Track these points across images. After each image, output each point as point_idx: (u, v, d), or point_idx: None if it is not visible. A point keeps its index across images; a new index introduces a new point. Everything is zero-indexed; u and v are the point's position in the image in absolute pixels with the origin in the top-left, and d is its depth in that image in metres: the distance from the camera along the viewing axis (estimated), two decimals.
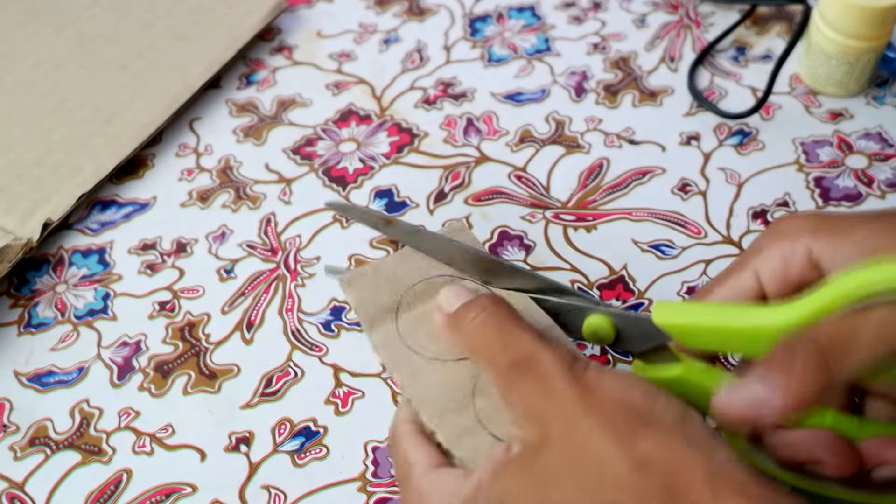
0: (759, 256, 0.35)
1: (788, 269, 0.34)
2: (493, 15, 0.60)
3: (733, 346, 0.33)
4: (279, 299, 0.47)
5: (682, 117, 0.53)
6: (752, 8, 0.58)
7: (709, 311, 0.33)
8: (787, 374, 0.29)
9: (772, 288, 0.34)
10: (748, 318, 0.32)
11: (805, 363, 0.29)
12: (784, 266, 0.34)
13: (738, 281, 0.35)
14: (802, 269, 0.34)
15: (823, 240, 0.33)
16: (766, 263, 0.34)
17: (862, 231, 0.33)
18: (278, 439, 0.42)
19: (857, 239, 0.32)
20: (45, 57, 0.57)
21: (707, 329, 0.32)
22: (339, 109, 0.55)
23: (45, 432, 0.43)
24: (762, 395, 0.29)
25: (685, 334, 0.33)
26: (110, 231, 0.50)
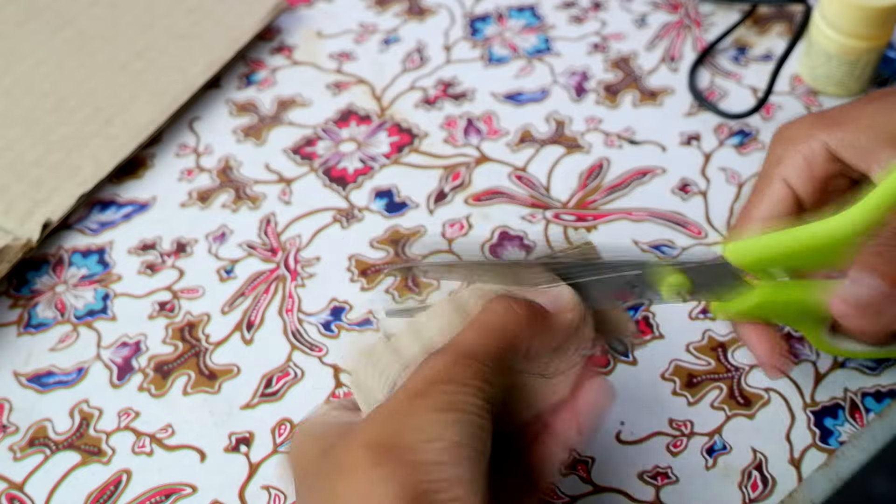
0: (782, 165, 0.37)
1: (813, 167, 0.36)
2: (493, 15, 0.60)
3: (808, 262, 0.35)
4: (279, 299, 0.47)
5: (683, 117, 0.53)
6: (752, 8, 0.58)
7: (777, 237, 0.35)
8: (882, 260, 0.32)
9: (803, 189, 0.36)
10: (817, 232, 0.34)
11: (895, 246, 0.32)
12: (808, 166, 0.36)
13: (771, 193, 0.37)
14: (825, 163, 0.36)
15: (836, 133, 0.35)
16: (792, 169, 0.36)
17: (867, 117, 0.35)
18: (278, 440, 0.42)
19: (865, 125, 0.35)
20: (45, 57, 0.57)
21: (781, 254, 0.34)
22: (339, 109, 0.55)
23: (44, 433, 0.43)
24: (875, 283, 0.32)
25: (761, 266, 0.35)
26: (110, 231, 0.50)
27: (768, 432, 0.41)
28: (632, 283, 0.36)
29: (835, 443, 0.40)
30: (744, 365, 0.43)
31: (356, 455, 0.28)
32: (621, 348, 0.41)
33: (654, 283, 0.36)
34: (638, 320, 0.45)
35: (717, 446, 0.41)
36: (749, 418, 0.41)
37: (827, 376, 0.42)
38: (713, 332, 0.44)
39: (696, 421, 0.41)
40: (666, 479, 0.40)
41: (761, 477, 0.40)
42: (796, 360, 0.42)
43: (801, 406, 0.42)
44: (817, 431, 0.41)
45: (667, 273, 0.36)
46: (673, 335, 0.44)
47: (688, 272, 0.36)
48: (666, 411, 0.42)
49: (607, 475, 0.40)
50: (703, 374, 0.43)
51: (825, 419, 0.41)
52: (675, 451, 0.41)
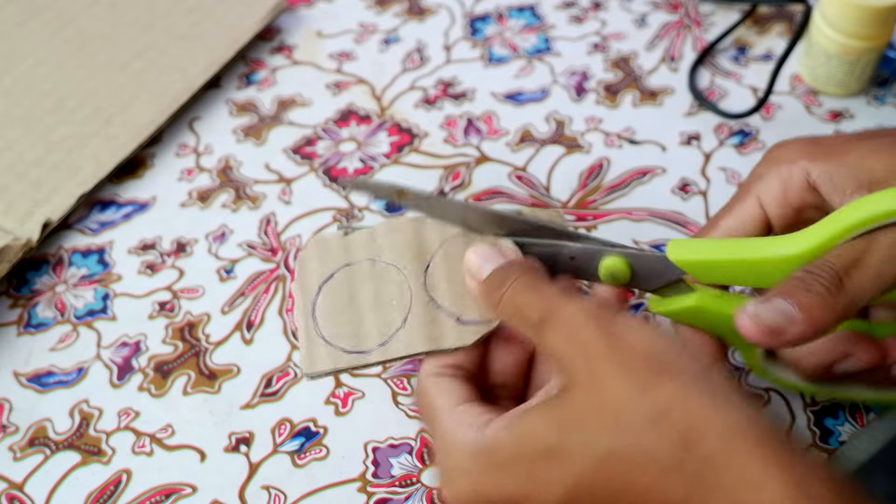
0: (759, 183, 0.37)
1: (788, 193, 0.36)
2: (493, 15, 0.60)
3: (746, 278, 0.34)
4: (279, 299, 0.47)
5: (683, 117, 0.53)
6: (752, 8, 0.58)
7: (721, 246, 0.35)
8: (808, 293, 0.31)
9: (774, 212, 0.36)
10: (760, 250, 0.34)
11: (824, 283, 0.31)
12: (784, 190, 0.36)
13: (742, 209, 0.37)
14: (801, 192, 0.36)
15: (819, 163, 0.35)
16: (767, 189, 0.36)
17: (855, 153, 0.35)
18: (278, 439, 0.42)
19: (851, 161, 0.34)
20: (45, 57, 0.57)
21: (720, 263, 0.34)
22: (339, 109, 0.55)
23: (44, 433, 0.43)
24: (787, 310, 0.31)
25: (699, 269, 0.35)
26: (110, 231, 0.50)
27: None
28: (571, 254, 0.37)
29: (835, 443, 0.40)
30: (744, 365, 0.43)
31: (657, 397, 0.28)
32: None
33: (593, 261, 0.36)
34: None
35: None
36: None
37: None
38: None
39: None
40: None
41: None
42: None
43: (802, 406, 0.42)
44: (817, 431, 0.41)
45: (607, 255, 0.36)
46: None
47: (628, 258, 0.36)
48: None
49: None
50: None
51: (825, 419, 0.41)
52: None
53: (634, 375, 0.29)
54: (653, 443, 0.28)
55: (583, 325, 0.31)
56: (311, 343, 0.37)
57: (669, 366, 0.29)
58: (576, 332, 0.31)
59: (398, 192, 0.37)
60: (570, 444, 0.29)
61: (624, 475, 0.28)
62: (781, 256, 0.33)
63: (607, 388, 0.29)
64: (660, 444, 0.28)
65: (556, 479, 0.30)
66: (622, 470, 0.28)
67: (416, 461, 0.41)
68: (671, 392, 0.28)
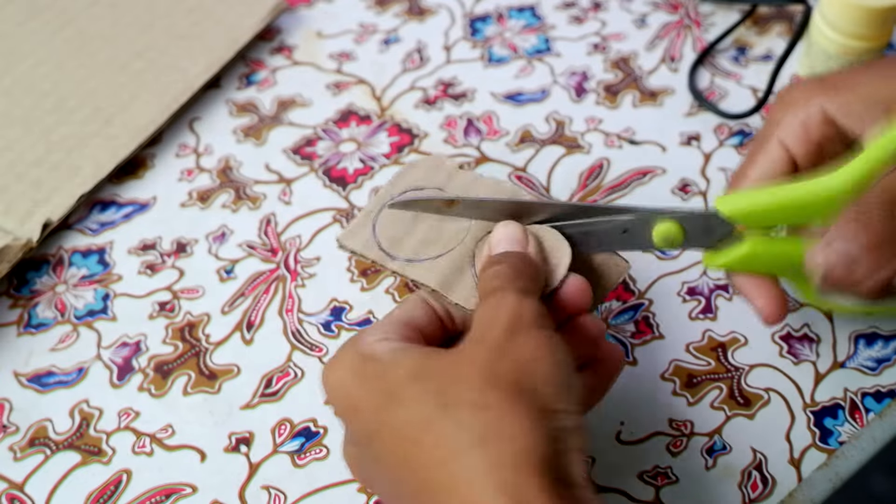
0: (779, 127, 0.38)
1: (809, 131, 0.37)
2: (493, 15, 0.60)
3: (798, 217, 0.36)
4: (279, 299, 0.47)
5: (683, 117, 0.53)
6: (752, 8, 0.58)
7: (768, 192, 0.36)
8: (861, 227, 0.33)
9: (799, 151, 0.38)
10: (807, 189, 0.36)
11: (880, 211, 0.33)
12: (804, 129, 0.37)
13: (767, 154, 0.38)
14: (821, 128, 0.37)
15: (833, 98, 0.37)
16: (788, 131, 0.38)
17: (866, 84, 0.37)
18: (278, 440, 0.42)
19: (864, 91, 0.37)
20: (45, 57, 0.57)
21: (771, 208, 0.36)
22: (339, 109, 0.55)
23: (44, 433, 0.43)
24: (848, 249, 0.33)
25: (750, 218, 0.37)
26: (110, 231, 0.50)
27: (768, 432, 0.41)
28: (624, 227, 0.38)
29: (835, 443, 0.40)
30: (743, 365, 0.43)
31: (488, 395, 0.29)
32: None
33: (646, 229, 0.37)
34: (638, 320, 0.45)
35: (717, 446, 0.41)
36: (749, 418, 0.41)
37: (827, 376, 0.42)
38: (713, 333, 0.44)
39: (696, 421, 0.41)
40: (666, 480, 0.40)
41: (761, 477, 0.40)
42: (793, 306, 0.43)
43: (801, 406, 0.42)
44: (817, 431, 0.41)
45: (659, 220, 0.37)
46: (673, 335, 0.44)
47: (680, 221, 0.37)
48: (666, 411, 0.42)
49: (607, 475, 0.40)
50: (703, 375, 0.43)
51: (825, 419, 0.41)
52: (675, 451, 0.41)
53: (488, 382, 0.30)
54: (453, 436, 0.29)
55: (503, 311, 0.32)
56: (361, 224, 0.41)
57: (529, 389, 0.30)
58: (494, 312, 0.32)
59: (447, 203, 0.38)
60: (409, 392, 0.31)
61: (423, 444, 0.29)
62: (830, 191, 0.35)
63: (464, 370, 0.30)
64: (458, 440, 0.29)
65: (379, 413, 0.31)
66: (426, 438, 0.29)
67: None
68: (500, 412, 0.29)
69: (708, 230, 0.37)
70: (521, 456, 0.28)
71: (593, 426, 0.41)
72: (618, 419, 0.42)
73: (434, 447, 0.29)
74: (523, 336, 0.31)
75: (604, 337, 0.37)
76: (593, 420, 0.41)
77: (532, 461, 0.28)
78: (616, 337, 0.44)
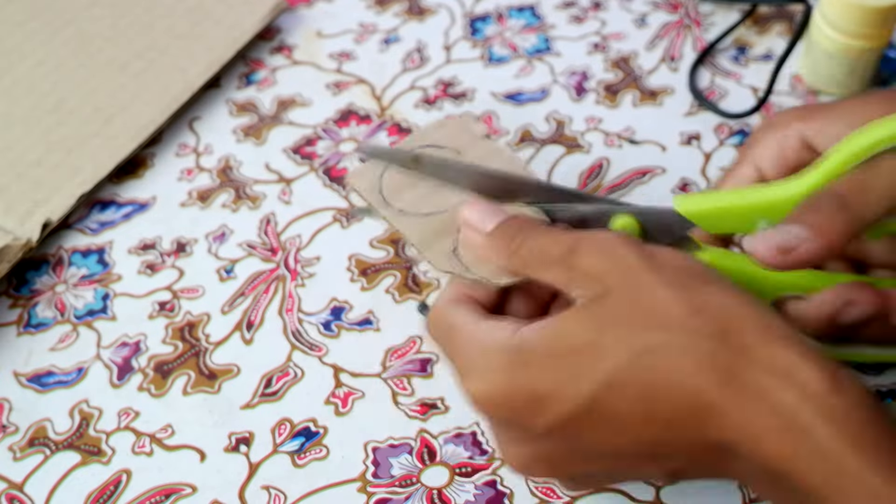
0: (756, 148, 0.38)
1: (785, 153, 0.37)
2: (493, 15, 0.60)
3: (754, 222, 0.35)
4: (279, 299, 0.47)
5: (683, 117, 0.53)
6: (752, 7, 0.58)
7: (727, 194, 0.36)
8: (815, 214, 0.32)
9: (772, 173, 0.38)
10: (766, 193, 0.35)
11: (830, 206, 0.32)
12: (780, 151, 0.37)
13: (740, 173, 0.38)
14: (797, 151, 0.37)
15: (813, 122, 0.37)
16: (764, 152, 0.38)
17: (845, 108, 0.37)
18: (278, 439, 0.42)
19: (843, 113, 0.36)
20: (45, 57, 0.57)
21: (728, 210, 0.35)
22: (339, 109, 0.55)
23: (44, 433, 0.43)
24: (795, 230, 0.32)
25: (707, 219, 0.36)
26: (110, 231, 0.50)
27: None
28: (582, 216, 0.37)
29: None
30: None
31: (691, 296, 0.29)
32: None
33: (603, 222, 0.37)
34: None
35: None
36: None
37: None
38: None
39: None
40: None
41: None
42: None
43: None
44: None
45: (617, 214, 0.37)
46: None
47: (637, 216, 0.37)
48: None
49: None
50: None
51: None
52: None
53: (671, 281, 0.30)
54: (689, 336, 0.29)
55: (617, 245, 0.32)
56: (372, 167, 0.41)
57: (704, 276, 0.30)
58: (611, 250, 0.31)
59: (413, 158, 0.38)
60: (605, 340, 0.30)
61: (657, 372, 0.29)
62: (789, 196, 0.34)
63: (645, 292, 0.30)
64: (695, 337, 0.29)
65: (586, 375, 0.30)
66: (656, 366, 0.29)
67: (416, 461, 0.41)
68: (708, 292, 0.29)
69: (665, 228, 0.37)
70: (765, 329, 0.28)
71: None
72: None
73: (671, 373, 0.29)
74: (650, 247, 0.32)
75: None
76: None
77: (774, 330, 0.29)
78: None
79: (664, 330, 0.29)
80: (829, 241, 0.32)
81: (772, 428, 0.27)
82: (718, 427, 0.28)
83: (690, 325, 0.29)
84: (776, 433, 0.27)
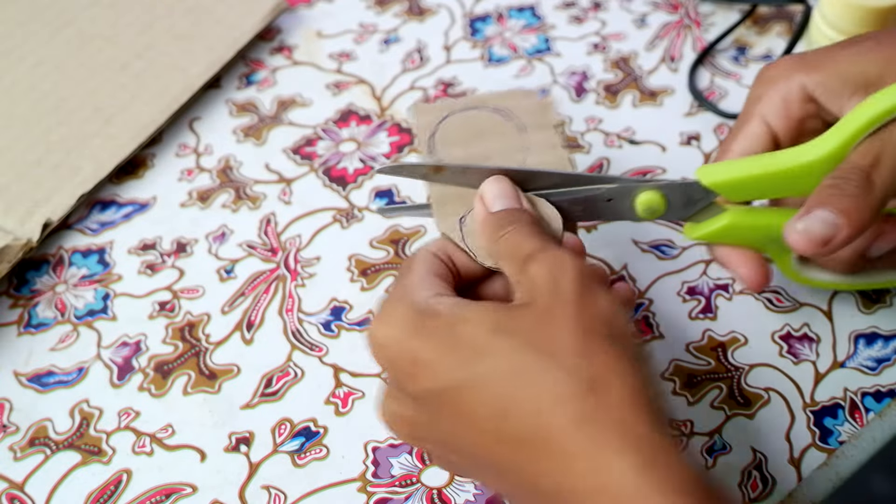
0: (760, 103, 0.39)
1: (790, 107, 0.38)
2: (493, 15, 0.60)
3: (778, 189, 0.37)
4: (279, 299, 0.47)
5: (683, 117, 0.53)
6: (752, 8, 0.58)
7: (748, 163, 0.37)
8: (844, 197, 0.34)
9: (779, 126, 0.38)
10: (786, 160, 0.36)
11: (855, 185, 0.34)
12: (785, 105, 0.38)
13: (749, 129, 0.39)
14: (801, 104, 0.38)
15: (814, 74, 0.38)
16: (769, 107, 0.39)
17: (844, 61, 0.37)
18: (278, 439, 0.42)
19: (843, 68, 0.37)
20: (45, 57, 0.57)
21: (751, 179, 0.37)
22: (339, 109, 0.55)
23: (44, 432, 0.43)
24: (830, 218, 0.34)
25: (731, 189, 0.37)
26: (110, 231, 0.50)
27: (768, 432, 0.41)
28: (608, 196, 0.38)
29: (834, 442, 0.40)
30: (743, 365, 0.43)
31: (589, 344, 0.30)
32: None
33: (628, 199, 0.38)
34: (638, 320, 0.45)
35: (716, 446, 0.41)
36: (749, 418, 0.41)
37: (827, 376, 0.42)
38: (713, 332, 0.44)
39: (696, 420, 0.41)
40: None
41: (761, 477, 0.40)
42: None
43: (801, 406, 0.42)
44: (817, 431, 0.41)
45: (641, 190, 0.38)
46: (673, 335, 0.44)
47: (662, 190, 0.38)
48: None
49: None
50: (703, 374, 0.43)
51: (825, 419, 0.41)
52: None
53: (587, 322, 0.30)
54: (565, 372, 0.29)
55: (567, 269, 0.32)
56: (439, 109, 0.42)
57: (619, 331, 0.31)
58: (558, 272, 0.32)
59: (434, 169, 0.38)
60: (496, 344, 0.30)
61: (524, 391, 0.29)
62: (807, 163, 0.36)
63: (557, 320, 0.30)
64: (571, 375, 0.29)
65: (464, 365, 0.30)
66: (525, 385, 0.29)
67: (416, 461, 0.41)
68: (608, 343, 0.30)
69: (689, 200, 0.38)
70: (633, 397, 0.28)
71: None
72: None
73: (534, 397, 0.29)
74: (595, 289, 0.31)
75: None
76: None
77: (642, 401, 0.29)
78: None
79: (549, 358, 0.29)
80: (862, 225, 0.34)
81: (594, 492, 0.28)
82: (550, 468, 0.29)
83: (572, 363, 0.29)
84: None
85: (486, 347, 0.30)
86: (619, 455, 0.27)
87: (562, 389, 0.29)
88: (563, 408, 0.29)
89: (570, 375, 0.29)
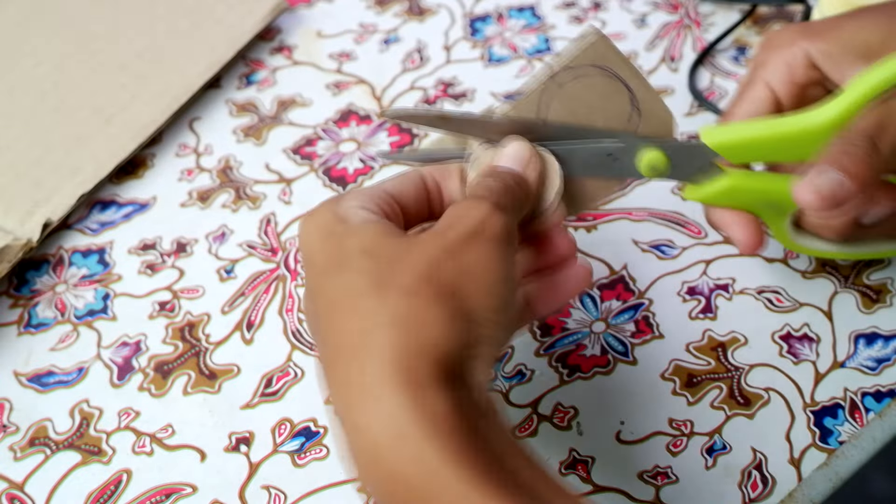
0: (765, 69, 0.39)
1: (793, 72, 0.39)
2: (493, 15, 0.60)
3: (780, 153, 0.38)
4: (279, 299, 0.47)
5: (683, 117, 0.53)
6: (752, 8, 0.58)
7: (752, 125, 0.38)
8: (851, 157, 0.34)
9: (783, 91, 0.39)
10: (791, 124, 0.37)
11: (862, 147, 0.35)
12: (789, 71, 0.39)
13: (753, 94, 0.39)
14: (805, 70, 0.39)
15: (817, 42, 0.38)
16: (774, 72, 0.39)
17: (847, 30, 0.38)
18: (278, 439, 0.42)
19: (846, 37, 0.38)
20: (45, 57, 0.57)
21: (754, 141, 0.37)
22: (339, 109, 0.55)
23: (44, 432, 0.43)
24: (837, 177, 0.34)
25: (735, 150, 0.38)
26: (110, 231, 0.50)
27: (768, 432, 0.41)
28: (609, 151, 0.38)
29: (834, 443, 0.40)
30: (743, 365, 0.43)
31: (419, 285, 0.30)
32: None
33: (631, 156, 0.38)
34: (638, 320, 0.45)
35: (716, 446, 0.41)
36: (749, 418, 0.41)
37: (827, 376, 0.42)
38: (713, 332, 0.44)
39: (695, 421, 0.41)
40: (666, 479, 0.40)
41: (761, 477, 0.40)
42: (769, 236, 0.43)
43: (801, 406, 0.42)
44: (817, 431, 0.41)
45: (646, 148, 0.38)
46: (673, 335, 0.44)
47: (666, 150, 0.38)
48: (666, 411, 0.42)
49: (607, 475, 0.40)
50: (703, 374, 0.43)
51: (825, 419, 0.41)
52: (674, 450, 0.41)
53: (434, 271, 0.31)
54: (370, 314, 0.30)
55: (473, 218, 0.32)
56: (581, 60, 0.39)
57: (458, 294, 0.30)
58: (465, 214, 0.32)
59: (440, 118, 0.38)
60: (353, 263, 0.31)
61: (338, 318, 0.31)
62: (810, 128, 0.36)
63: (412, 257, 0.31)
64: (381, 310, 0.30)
65: (321, 274, 0.32)
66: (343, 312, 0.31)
67: None
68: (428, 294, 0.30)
69: (692, 161, 0.38)
70: (427, 345, 0.29)
71: (593, 426, 0.41)
72: (618, 419, 0.42)
73: (354, 318, 0.30)
74: (479, 245, 0.32)
75: (574, 256, 0.37)
76: (593, 420, 0.41)
77: (435, 353, 0.29)
78: (616, 336, 0.44)
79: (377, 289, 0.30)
80: (866, 184, 0.34)
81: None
82: None
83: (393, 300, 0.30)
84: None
85: (348, 263, 0.31)
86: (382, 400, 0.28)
87: (372, 318, 0.30)
88: (366, 335, 0.29)
89: (384, 307, 0.30)
